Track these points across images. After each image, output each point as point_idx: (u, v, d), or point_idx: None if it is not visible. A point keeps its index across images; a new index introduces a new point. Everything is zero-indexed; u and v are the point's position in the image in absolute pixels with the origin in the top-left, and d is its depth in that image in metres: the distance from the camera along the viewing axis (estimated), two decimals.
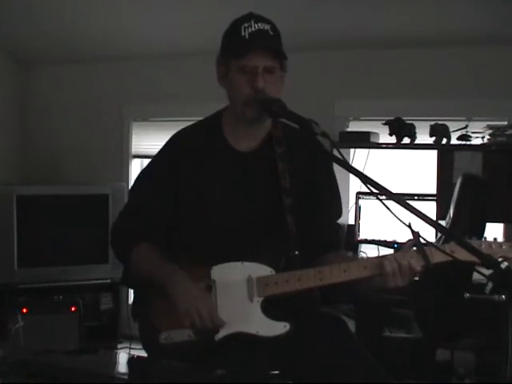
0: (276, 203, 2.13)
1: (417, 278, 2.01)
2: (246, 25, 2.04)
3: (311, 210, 2.18)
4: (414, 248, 1.98)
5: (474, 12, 3.91)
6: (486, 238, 2.00)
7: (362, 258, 3.73)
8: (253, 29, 2.03)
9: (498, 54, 4.17)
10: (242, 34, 2.03)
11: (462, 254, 1.88)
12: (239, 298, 2.05)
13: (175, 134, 2.26)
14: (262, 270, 2.06)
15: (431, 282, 3.12)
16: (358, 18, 4.16)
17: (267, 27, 2.05)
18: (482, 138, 3.97)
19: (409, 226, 1.87)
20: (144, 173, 2.30)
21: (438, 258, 1.97)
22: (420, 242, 1.95)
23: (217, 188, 2.15)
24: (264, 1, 2.79)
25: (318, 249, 2.17)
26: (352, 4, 4.05)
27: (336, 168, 2.18)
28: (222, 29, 2.15)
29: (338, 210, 2.29)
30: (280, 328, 2.03)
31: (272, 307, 2.05)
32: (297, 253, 2.09)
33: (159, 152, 2.26)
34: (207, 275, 2.08)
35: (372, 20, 4.18)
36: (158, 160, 2.26)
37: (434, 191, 4.16)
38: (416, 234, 1.93)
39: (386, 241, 4.18)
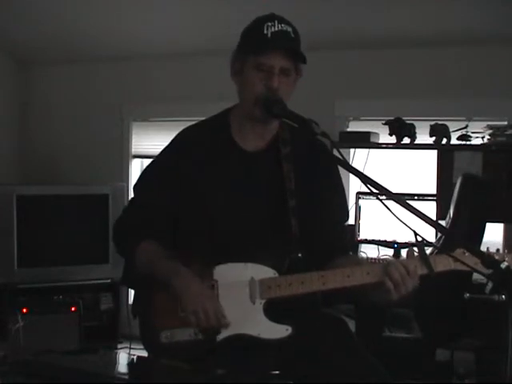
0: (280, 205, 2.12)
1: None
2: (270, 24, 2.04)
3: (314, 211, 2.17)
4: (416, 253, 1.97)
5: (474, 12, 3.91)
6: (488, 248, 2.00)
7: (367, 262, 3.72)
8: (276, 29, 2.04)
9: (498, 54, 4.17)
10: (265, 32, 2.03)
11: (466, 261, 1.88)
12: (241, 299, 2.04)
13: (180, 133, 2.25)
14: (265, 272, 2.05)
15: (431, 282, 3.12)
16: (358, 17, 4.16)
17: (289, 29, 2.06)
18: (482, 138, 3.97)
19: (414, 232, 1.86)
20: (148, 170, 2.30)
21: (441, 266, 1.97)
22: (424, 250, 1.94)
23: (222, 188, 2.15)
24: (265, 1, 2.78)
25: (323, 252, 2.15)
26: (352, 4, 4.05)
27: None
28: (223, 29, 2.16)
29: (342, 212, 2.28)
30: (282, 331, 2.02)
31: (274, 309, 2.04)
32: (300, 255, 2.08)
33: (164, 151, 2.25)
34: (210, 275, 2.08)
35: (372, 20, 4.18)
36: (162, 159, 2.25)
37: (434, 191, 4.15)
38: (420, 242, 1.91)
39: (385, 241, 4.18)
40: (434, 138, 4.06)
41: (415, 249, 1.98)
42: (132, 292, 2.32)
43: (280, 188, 2.13)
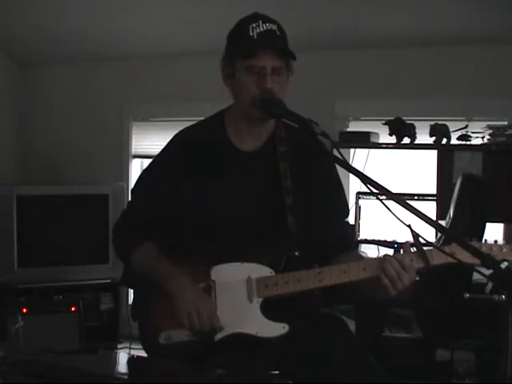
0: (277, 203, 2.13)
1: (417, 278, 2.00)
2: (254, 25, 2.03)
3: (314, 210, 2.17)
4: (414, 249, 1.97)
5: (474, 12, 3.91)
6: (486, 241, 2.00)
7: (365, 258, 3.72)
8: (261, 29, 2.02)
9: (498, 54, 4.17)
10: (251, 34, 2.02)
11: (463, 256, 1.88)
12: (239, 298, 2.05)
13: (177, 134, 2.26)
14: (262, 271, 2.06)
15: (431, 282, 3.12)
16: (359, 18, 4.16)
17: (274, 27, 2.05)
18: (482, 138, 3.97)
19: (409, 227, 1.87)
20: (146, 173, 2.31)
21: (437, 259, 1.97)
22: (420, 243, 1.94)
23: (218, 188, 2.15)
24: (264, 1, 2.78)
25: (328, 249, 2.16)
26: (352, 4, 4.05)
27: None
28: (223, 29, 2.15)
29: (342, 209, 2.28)
30: (279, 329, 2.03)
31: (271, 308, 2.05)
32: (297, 253, 2.09)
33: (161, 152, 2.26)
34: (207, 275, 2.08)
35: (372, 20, 4.18)
36: (159, 160, 2.26)
37: (434, 191, 4.15)
38: (416, 236, 1.92)
39: (385, 241, 4.18)
40: (433, 138, 4.05)
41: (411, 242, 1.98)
42: (132, 292, 2.32)
43: (277, 186, 2.13)
